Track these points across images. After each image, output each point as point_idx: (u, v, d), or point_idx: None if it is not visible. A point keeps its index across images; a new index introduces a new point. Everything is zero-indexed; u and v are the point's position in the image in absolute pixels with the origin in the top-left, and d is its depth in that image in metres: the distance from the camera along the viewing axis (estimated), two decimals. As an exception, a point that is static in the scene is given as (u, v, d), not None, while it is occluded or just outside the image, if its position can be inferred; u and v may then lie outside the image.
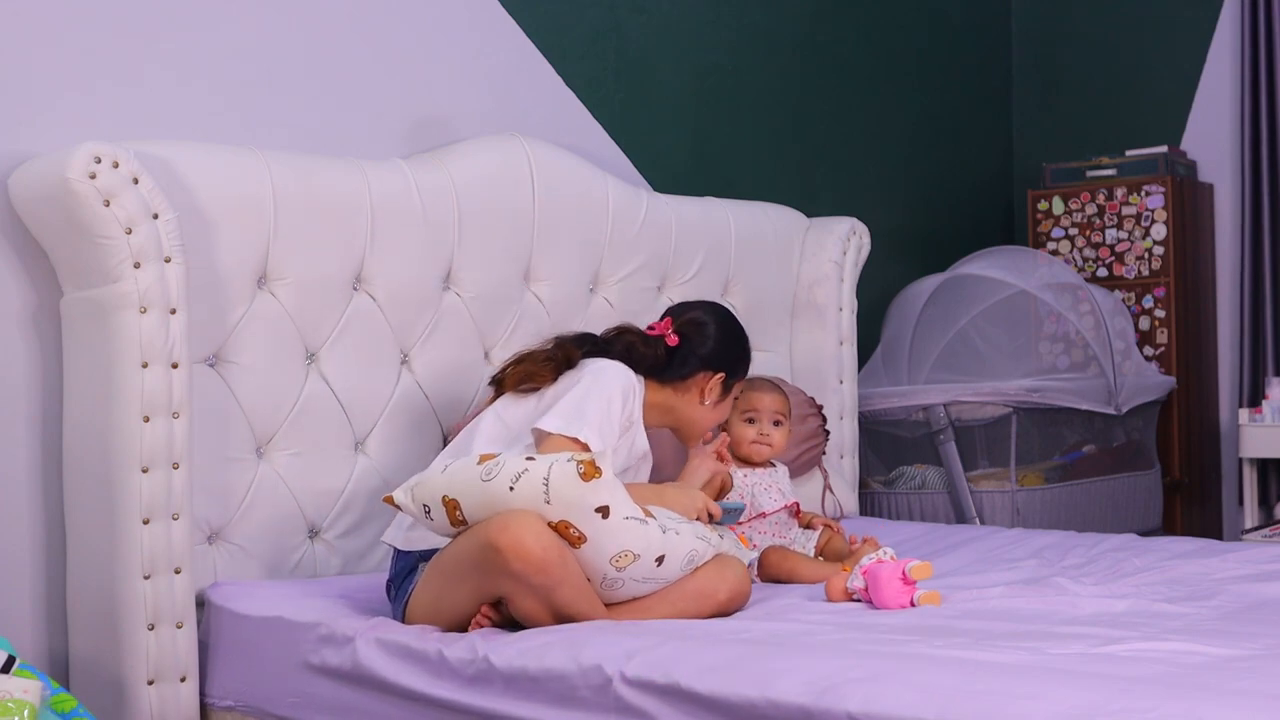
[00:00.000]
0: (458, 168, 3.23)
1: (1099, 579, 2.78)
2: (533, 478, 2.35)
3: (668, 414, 2.90)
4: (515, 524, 2.32)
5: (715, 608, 2.56)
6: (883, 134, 4.74)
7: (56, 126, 2.75)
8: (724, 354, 2.91)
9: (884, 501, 4.17)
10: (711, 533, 2.59)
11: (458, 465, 2.45)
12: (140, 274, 2.58)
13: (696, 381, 2.88)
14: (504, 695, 2.21)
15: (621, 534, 2.38)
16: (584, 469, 2.33)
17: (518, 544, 2.30)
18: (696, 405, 2.89)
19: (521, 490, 2.34)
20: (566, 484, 2.33)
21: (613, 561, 2.39)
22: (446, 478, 2.43)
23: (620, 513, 2.37)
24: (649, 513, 2.46)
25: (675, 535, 2.47)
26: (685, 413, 2.90)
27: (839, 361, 3.99)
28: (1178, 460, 4.68)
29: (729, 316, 2.99)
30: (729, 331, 2.95)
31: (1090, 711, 1.72)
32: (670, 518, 2.51)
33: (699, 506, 2.66)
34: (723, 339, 2.92)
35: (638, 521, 2.40)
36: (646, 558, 2.41)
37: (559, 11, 3.73)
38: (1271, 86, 4.66)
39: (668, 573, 2.47)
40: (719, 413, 2.95)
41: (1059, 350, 4.57)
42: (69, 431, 2.69)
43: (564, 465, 2.35)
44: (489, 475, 2.37)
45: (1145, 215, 4.71)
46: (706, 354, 2.88)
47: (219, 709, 2.65)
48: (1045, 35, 5.26)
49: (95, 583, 2.63)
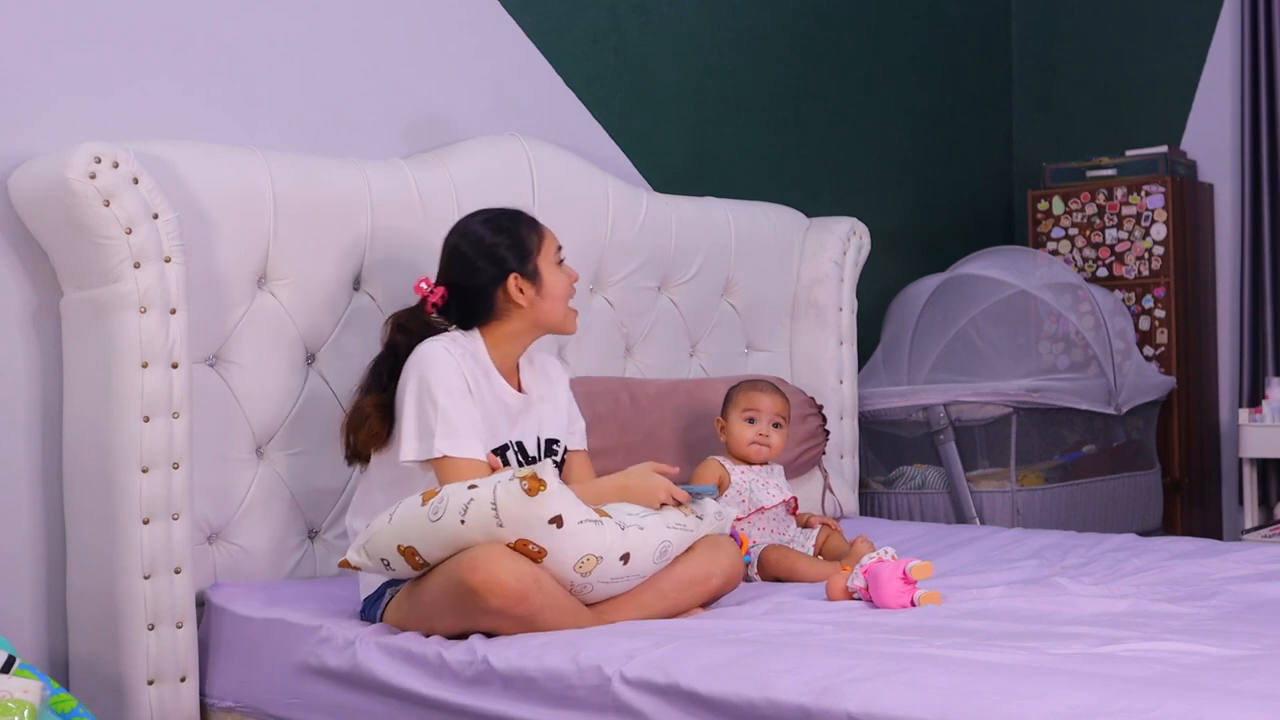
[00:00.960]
0: (458, 168, 3.23)
1: (1099, 579, 2.78)
2: (480, 505, 2.31)
3: (523, 335, 2.73)
4: (485, 561, 2.29)
5: (710, 594, 2.57)
6: (883, 134, 4.74)
7: (56, 126, 2.75)
8: (495, 258, 2.68)
9: (884, 501, 4.17)
10: (688, 515, 2.55)
11: (402, 511, 2.40)
12: (140, 274, 2.58)
13: (505, 300, 2.69)
14: (503, 696, 2.21)
15: (580, 539, 2.35)
16: (529, 485, 2.30)
17: (492, 581, 2.28)
18: (529, 308, 2.69)
19: (472, 520, 2.31)
20: (514, 503, 2.30)
21: (577, 569, 2.37)
22: (395, 527, 2.39)
23: (574, 518, 2.34)
24: (603, 512, 2.43)
25: (638, 530, 2.43)
26: (532, 321, 2.71)
27: (839, 361, 3.99)
28: (1178, 460, 4.68)
29: (469, 224, 2.74)
30: (480, 239, 2.70)
31: (1090, 711, 1.72)
32: (630, 513, 2.47)
33: (660, 494, 2.55)
34: (482, 249, 2.69)
35: (593, 524, 2.37)
36: (610, 559, 2.39)
37: (559, 11, 3.73)
38: (1271, 86, 4.66)
39: (640, 568, 2.45)
40: (555, 280, 2.72)
41: (1059, 350, 4.57)
42: (69, 431, 2.69)
43: (508, 485, 2.31)
44: (436, 514, 2.34)
45: (1145, 215, 4.71)
46: (484, 278, 2.67)
47: (219, 709, 2.65)
48: (1045, 35, 5.27)
49: (95, 583, 2.63)
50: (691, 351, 3.80)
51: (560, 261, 2.77)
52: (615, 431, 3.31)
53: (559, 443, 2.79)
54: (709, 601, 2.61)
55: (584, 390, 3.31)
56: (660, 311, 3.69)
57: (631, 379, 3.52)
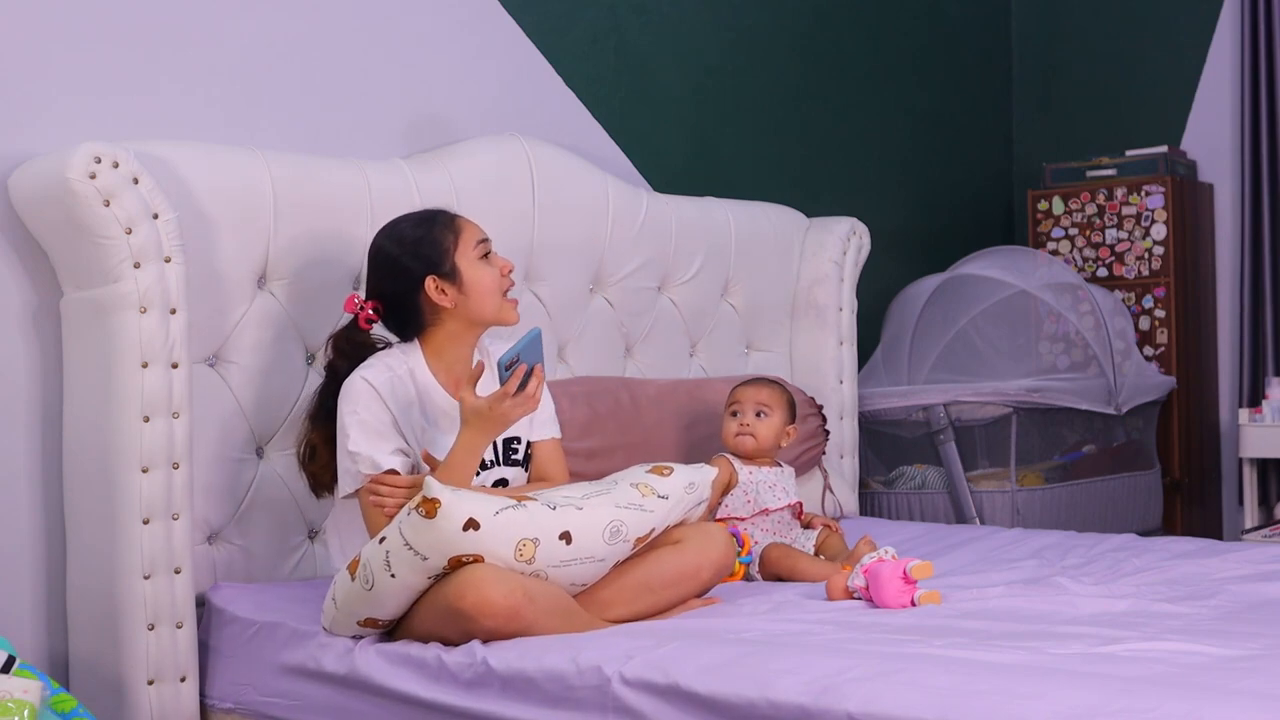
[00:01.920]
0: (458, 168, 3.23)
1: (1099, 579, 2.78)
2: (396, 551, 2.30)
3: (463, 335, 2.65)
4: (472, 585, 2.28)
5: (701, 586, 2.58)
6: (883, 134, 4.74)
7: (56, 126, 2.75)
8: (409, 264, 2.61)
9: (884, 501, 4.17)
10: (648, 496, 2.48)
11: (341, 591, 2.40)
12: (140, 274, 2.58)
13: (429, 304, 2.62)
14: (502, 697, 2.21)
15: (507, 530, 2.30)
16: (423, 510, 2.26)
17: (482, 603, 2.27)
18: (456, 308, 2.62)
19: (399, 568, 2.30)
20: (422, 533, 2.27)
21: (518, 557, 2.32)
22: (344, 610, 2.41)
23: (487, 513, 2.29)
24: (526, 497, 2.38)
25: (575, 510, 2.37)
26: (465, 320, 2.64)
27: (839, 361, 3.99)
28: (1178, 460, 4.68)
29: (384, 232, 2.68)
30: (392, 246, 2.64)
31: (1090, 711, 1.72)
32: (566, 495, 2.42)
33: (496, 413, 2.44)
34: (396, 257, 2.62)
35: (513, 510, 2.32)
36: (547, 540, 2.33)
37: (559, 12, 3.73)
38: (1271, 86, 4.66)
39: (590, 549, 2.38)
40: (478, 275, 2.62)
41: (1059, 350, 4.57)
42: (69, 431, 2.69)
43: (408, 520, 2.29)
44: (368, 584, 2.34)
45: (1145, 215, 4.71)
46: (403, 285, 2.61)
47: (219, 710, 2.65)
48: (1045, 35, 5.27)
49: (95, 583, 2.63)
50: (691, 351, 3.80)
51: (485, 255, 2.65)
52: (615, 431, 3.31)
53: (519, 440, 2.72)
54: (701, 593, 2.61)
55: (584, 390, 3.31)
56: (660, 311, 3.69)
57: (631, 379, 3.52)
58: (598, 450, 3.23)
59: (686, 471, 2.59)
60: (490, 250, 2.68)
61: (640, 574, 2.51)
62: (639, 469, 2.60)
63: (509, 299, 2.68)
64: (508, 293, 2.68)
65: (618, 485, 2.50)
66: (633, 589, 2.50)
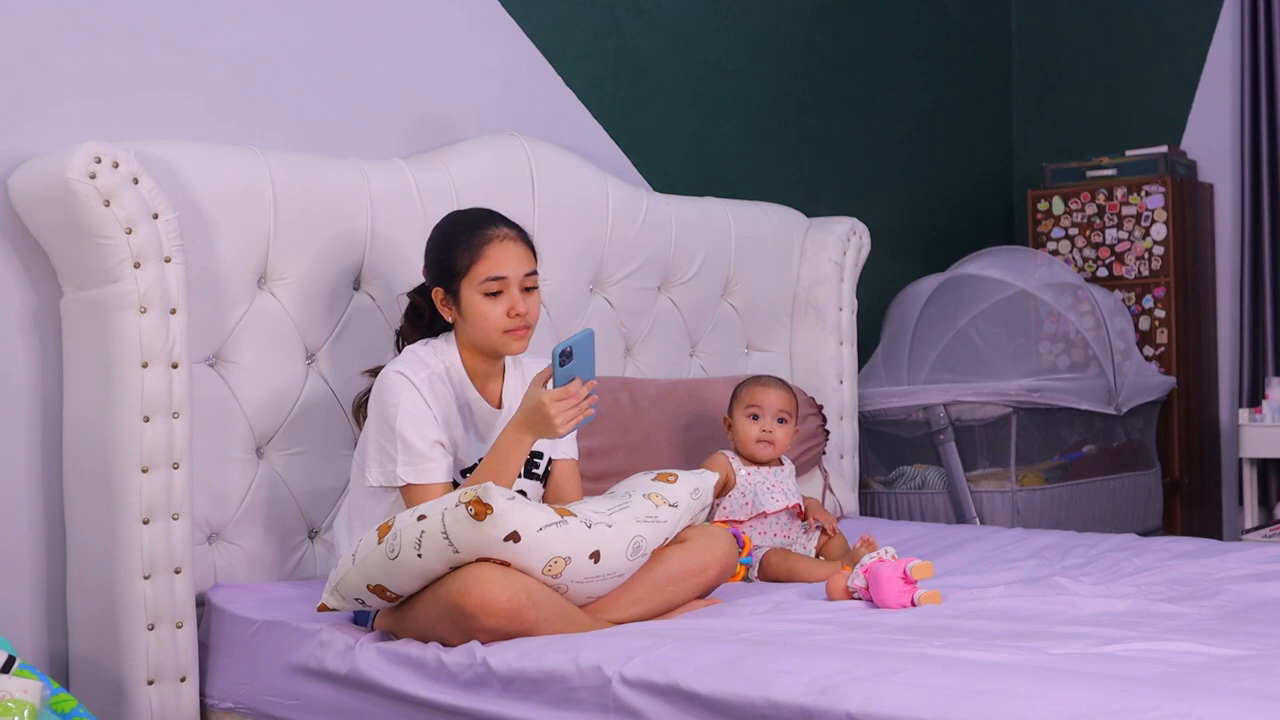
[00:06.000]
0: (458, 168, 3.23)
1: (1099, 579, 2.78)
2: (432, 535, 2.29)
3: (481, 351, 2.64)
4: (476, 583, 2.28)
5: (706, 585, 2.58)
6: (883, 134, 4.74)
7: (56, 126, 2.75)
8: (429, 265, 2.67)
9: (884, 501, 4.17)
10: (660, 505, 2.50)
11: (363, 550, 2.38)
12: (140, 274, 2.58)
13: (440, 310, 2.65)
14: (502, 698, 2.21)
15: (544, 546, 2.30)
16: (474, 510, 2.25)
17: (484, 603, 2.27)
18: (459, 323, 2.63)
19: (429, 552, 2.29)
20: (465, 530, 2.27)
21: (545, 571, 2.33)
22: (360, 568, 2.38)
23: (532, 528, 2.29)
24: (567, 512, 2.38)
25: (606, 529, 2.39)
26: (467, 336, 2.63)
27: (839, 361, 3.99)
28: (1178, 460, 4.68)
29: (437, 224, 2.71)
30: (430, 241, 2.68)
31: (1090, 711, 1.72)
32: (597, 510, 2.43)
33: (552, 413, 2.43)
34: (427, 250, 2.68)
35: (555, 526, 2.32)
36: (579, 559, 2.35)
37: (559, 11, 3.73)
38: (1271, 86, 4.66)
39: (614, 566, 2.41)
40: (478, 309, 2.58)
41: (1059, 350, 4.56)
42: (69, 431, 2.69)
43: (455, 511, 2.28)
44: (393, 552, 2.32)
45: (1145, 215, 4.71)
46: (425, 283, 2.69)
47: (219, 710, 2.65)
48: (1045, 35, 5.27)
49: (95, 583, 2.63)
50: (691, 351, 3.80)
51: (496, 293, 2.58)
52: (615, 431, 3.31)
53: (540, 455, 2.71)
54: (705, 593, 2.61)
55: (584, 390, 3.31)
56: (660, 311, 3.69)
57: (631, 379, 3.52)
58: (597, 450, 3.23)
59: (690, 478, 2.62)
60: (503, 290, 2.58)
61: (647, 574, 2.51)
62: (644, 477, 2.61)
63: (511, 335, 2.60)
64: (515, 330, 2.60)
65: (632, 498, 2.51)
66: (641, 588, 2.50)
